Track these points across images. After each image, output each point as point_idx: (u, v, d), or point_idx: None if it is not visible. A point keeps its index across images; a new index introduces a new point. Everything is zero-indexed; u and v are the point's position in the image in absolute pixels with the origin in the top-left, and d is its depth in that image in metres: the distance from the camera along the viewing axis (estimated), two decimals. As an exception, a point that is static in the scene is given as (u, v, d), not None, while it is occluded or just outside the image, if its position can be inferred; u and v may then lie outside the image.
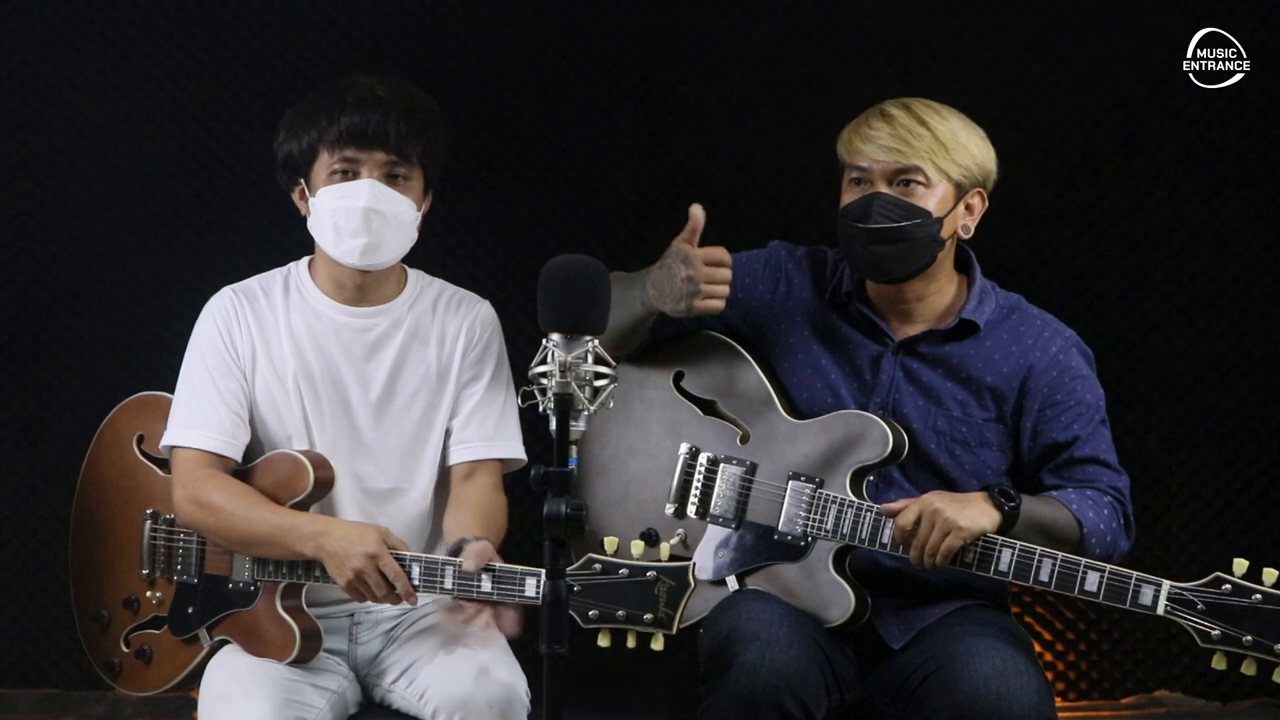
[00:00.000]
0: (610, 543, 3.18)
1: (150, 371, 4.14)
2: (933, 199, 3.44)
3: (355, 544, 3.35)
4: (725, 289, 3.43)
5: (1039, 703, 3.24)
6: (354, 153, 3.46)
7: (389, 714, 3.49)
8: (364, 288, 3.55)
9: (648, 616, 3.14)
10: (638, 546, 3.18)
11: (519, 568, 3.28)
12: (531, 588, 3.24)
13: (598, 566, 3.16)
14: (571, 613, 3.12)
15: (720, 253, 3.44)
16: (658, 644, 3.16)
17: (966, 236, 3.50)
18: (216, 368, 3.53)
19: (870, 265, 3.48)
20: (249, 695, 3.37)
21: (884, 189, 3.44)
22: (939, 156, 3.42)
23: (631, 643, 3.18)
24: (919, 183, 3.43)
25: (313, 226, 3.52)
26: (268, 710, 3.34)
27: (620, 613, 3.15)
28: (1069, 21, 4.50)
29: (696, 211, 3.46)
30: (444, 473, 3.59)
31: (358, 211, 3.45)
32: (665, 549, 3.20)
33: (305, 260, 3.62)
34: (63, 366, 4.59)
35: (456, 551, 3.34)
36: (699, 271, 3.41)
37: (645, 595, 3.14)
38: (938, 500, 3.33)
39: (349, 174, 3.47)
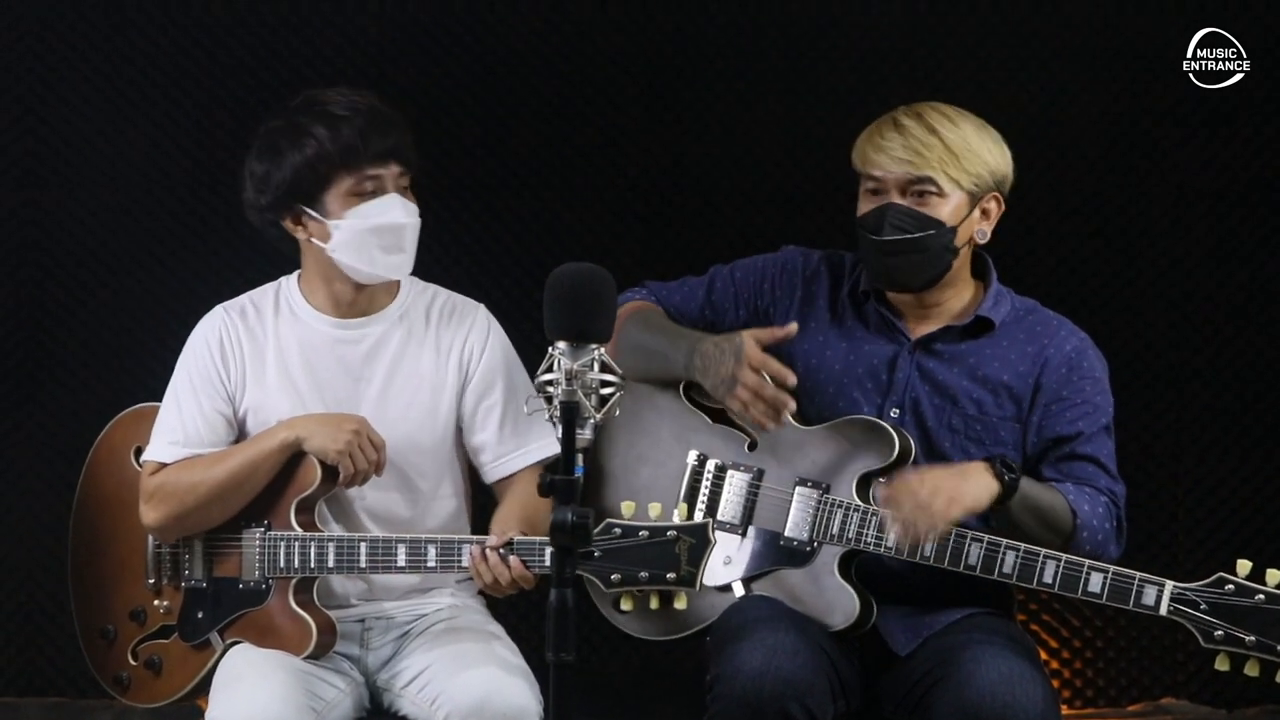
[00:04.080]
0: (628, 507, 3.20)
1: (147, 383, 4.14)
2: (946, 208, 3.44)
3: (343, 418, 3.43)
4: (776, 413, 3.40)
5: (1045, 710, 3.24)
6: (376, 169, 3.44)
7: (397, 720, 3.50)
8: (359, 301, 3.54)
9: (670, 575, 3.14)
10: (655, 509, 3.19)
11: (538, 538, 3.31)
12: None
13: (617, 530, 3.16)
14: (593, 577, 3.15)
15: (778, 370, 3.41)
16: (681, 603, 3.18)
17: (983, 242, 3.50)
18: (202, 385, 3.52)
19: (884, 276, 3.48)
20: (263, 676, 3.36)
21: (898, 199, 3.44)
22: (950, 166, 3.42)
23: (655, 604, 3.19)
24: (932, 193, 3.43)
25: (336, 249, 3.46)
26: (280, 693, 3.32)
27: (643, 574, 3.15)
28: (1069, 22, 4.50)
29: (792, 328, 3.46)
30: (472, 481, 3.62)
31: (404, 228, 3.46)
32: (682, 509, 3.22)
33: (295, 275, 3.60)
34: (65, 374, 4.59)
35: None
36: (744, 376, 3.40)
37: (666, 555, 3.14)
38: (940, 474, 3.34)
39: (375, 192, 3.45)
